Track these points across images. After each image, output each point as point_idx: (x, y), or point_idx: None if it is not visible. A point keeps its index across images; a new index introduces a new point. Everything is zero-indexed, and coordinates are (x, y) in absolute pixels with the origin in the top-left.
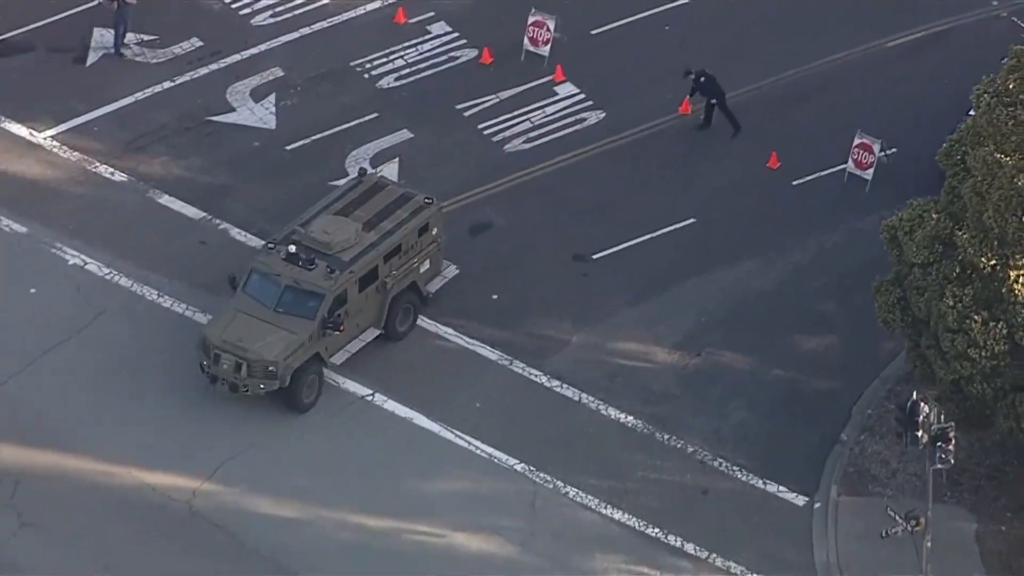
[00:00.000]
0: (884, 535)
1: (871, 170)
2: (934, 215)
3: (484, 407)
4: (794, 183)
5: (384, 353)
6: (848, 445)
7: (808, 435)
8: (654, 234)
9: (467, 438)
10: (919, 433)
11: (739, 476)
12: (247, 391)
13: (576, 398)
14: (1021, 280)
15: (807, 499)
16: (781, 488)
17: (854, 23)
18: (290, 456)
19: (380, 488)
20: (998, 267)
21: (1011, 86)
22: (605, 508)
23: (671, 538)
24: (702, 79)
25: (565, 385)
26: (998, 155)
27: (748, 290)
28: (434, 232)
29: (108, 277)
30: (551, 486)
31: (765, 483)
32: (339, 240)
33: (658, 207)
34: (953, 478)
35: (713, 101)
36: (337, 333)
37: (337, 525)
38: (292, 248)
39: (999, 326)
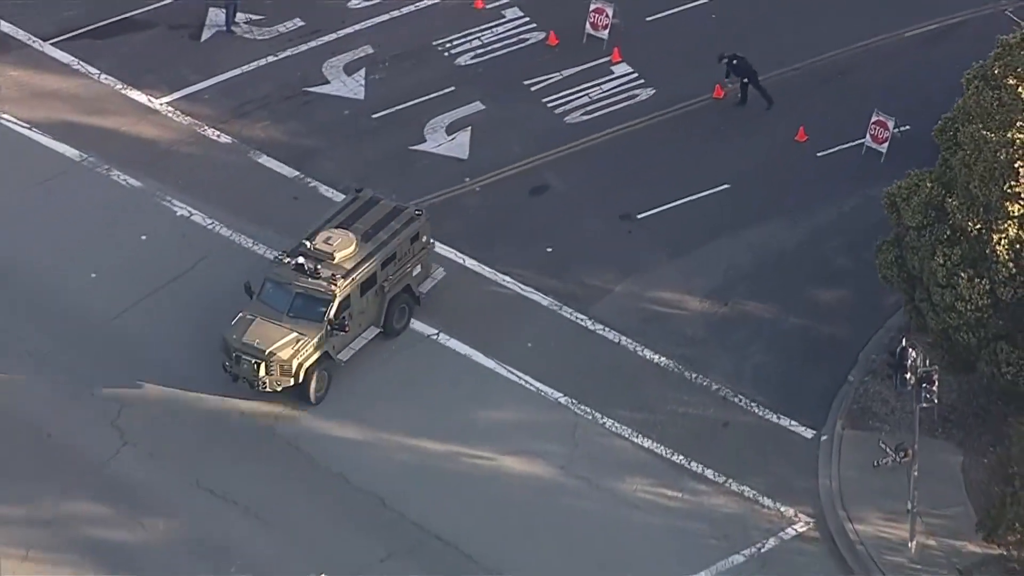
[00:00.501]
0: (875, 465)
1: (886, 144)
2: (928, 184)
3: (534, 347)
4: (818, 155)
5: (450, 299)
6: (853, 385)
7: (818, 376)
8: (692, 197)
9: (518, 374)
10: (907, 375)
11: (756, 411)
12: (265, 388)
13: (616, 340)
14: (1003, 242)
15: (815, 432)
16: (792, 422)
17: (875, 14)
18: (362, 387)
19: (439, 416)
20: (983, 231)
21: (996, 71)
22: (636, 437)
23: (693, 464)
24: (734, 61)
25: (607, 329)
26: (984, 132)
27: (772, 248)
28: (424, 239)
29: (210, 227)
30: (590, 417)
31: (779, 417)
32: (341, 250)
33: (697, 173)
34: (944, 415)
35: (746, 80)
36: (343, 333)
37: (399, 447)
38: (300, 259)
39: (983, 283)
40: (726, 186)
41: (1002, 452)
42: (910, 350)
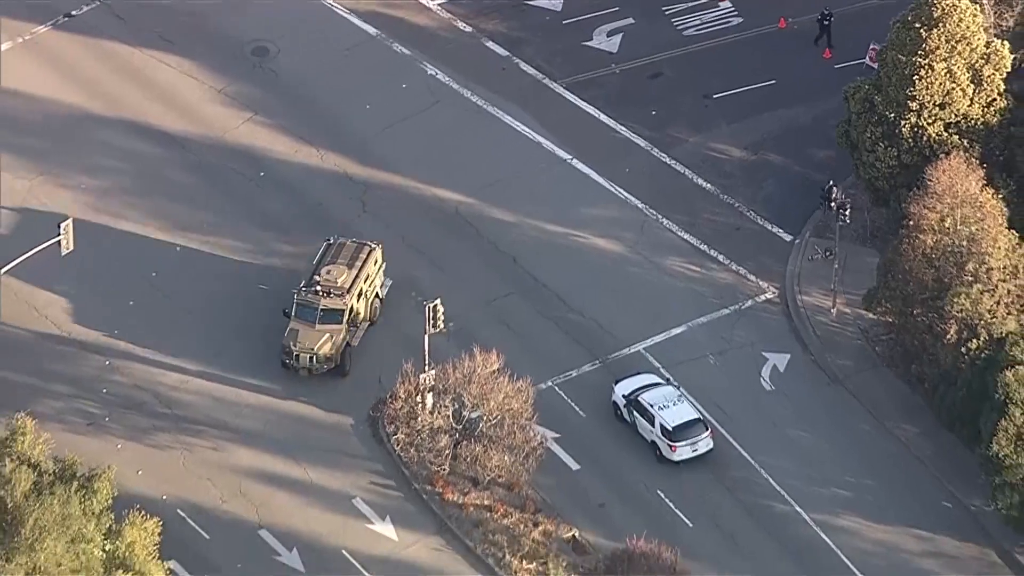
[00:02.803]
0: (810, 259)
1: (877, 63)
2: (865, 87)
3: (631, 171)
4: (835, 67)
5: (584, 138)
6: (822, 211)
7: (804, 204)
8: (750, 87)
9: (616, 187)
10: (831, 204)
11: (759, 221)
12: (317, 371)
13: (682, 171)
14: (906, 126)
15: (792, 237)
16: (780, 230)
17: None
18: (516, 191)
19: (563, 210)
20: (895, 118)
21: (910, 19)
22: (681, 232)
23: (712, 251)
24: (826, 21)
25: (678, 163)
26: (899, 56)
27: (794, 121)
28: (381, 262)
29: (447, 82)
30: (654, 218)
31: (772, 226)
32: (340, 277)
33: (756, 72)
34: (872, 232)
35: (826, 22)
36: (355, 328)
37: (533, 227)
38: (317, 288)
39: (893, 151)
40: (773, 81)
41: (888, 256)
42: (835, 188)
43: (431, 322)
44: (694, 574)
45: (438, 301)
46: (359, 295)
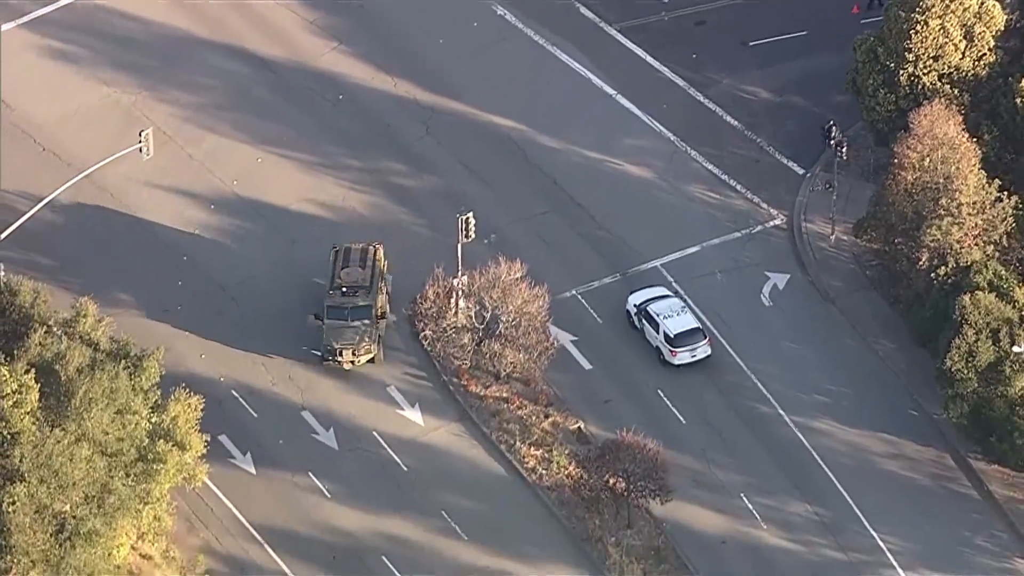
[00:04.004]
0: (811, 190)
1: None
2: (871, 39)
3: (668, 107)
4: (861, 22)
5: (629, 75)
6: (824, 147)
7: (820, 141)
8: (784, 36)
9: (652, 120)
10: (830, 140)
11: (776, 156)
12: (359, 363)
13: (713, 109)
14: (903, 75)
15: (805, 170)
16: (795, 164)
17: None
18: (563, 120)
19: (602, 139)
20: (893, 66)
21: None
22: (705, 164)
23: (731, 181)
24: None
25: (710, 101)
26: (899, 12)
27: (819, 68)
28: (383, 259)
29: (512, 22)
30: (684, 149)
31: (787, 161)
32: (358, 276)
33: (791, 23)
34: (874, 168)
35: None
36: (382, 320)
37: (574, 152)
38: (344, 289)
39: (891, 96)
40: (804, 32)
41: (877, 190)
42: (834, 127)
43: (463, 232)
44: (681, 464)
45: (470, 214)
46: (377, 292)
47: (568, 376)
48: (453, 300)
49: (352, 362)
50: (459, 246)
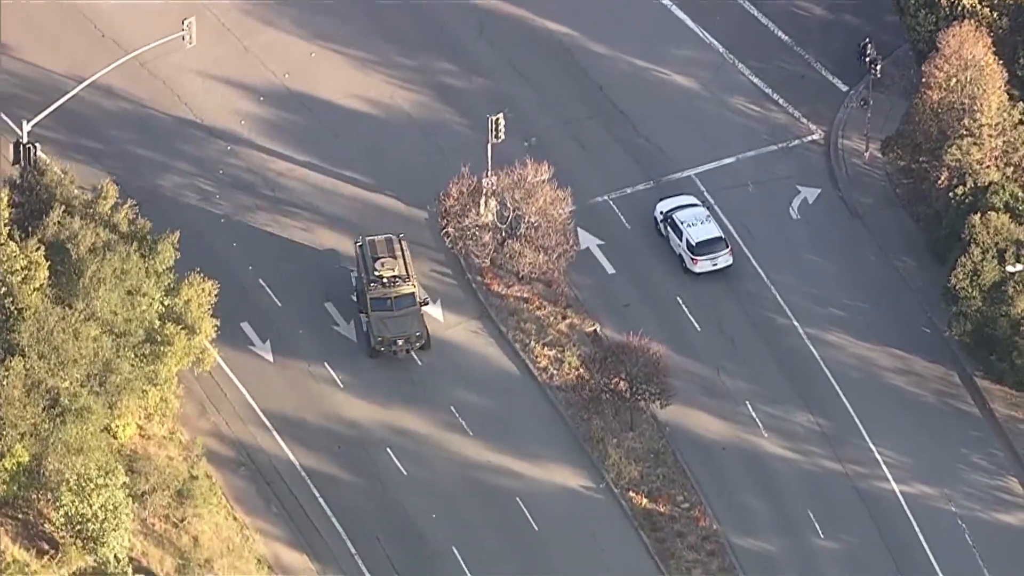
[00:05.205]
0: (845, 106)
1: None
2: None
3: (721, 19)
4: None
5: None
6: (859, 64)
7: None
8: None
9: (704, 32)
10: (865, 58)
11: (822, 72)
12: (415, 349)
13: (766, 23)
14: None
15: (848, 88)
16: (839, 81)
17: None
18: (616, 28)
19: (651, 48)
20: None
21: None
22: (752, 76)
23: (776, 96)
24: None
25: (765, 16)
26: None
27: (847, 26)
28: (408, 247)
29: None
30: (731, 62)
31: (832, 77)
32: (394, 266)
33: None
34: (910, 89)
35: None
36: (425, 306)
37: (626, 63)
38: (384, 280)
39: (931, 16)
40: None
41: (907, 109)
42: (869, 45)
43: (493, 133)
44: (690, 371)
45: (500, 115)
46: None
47: (591, 279)
48: (483, 199)
49: (407, 350)
50: (488, 146)
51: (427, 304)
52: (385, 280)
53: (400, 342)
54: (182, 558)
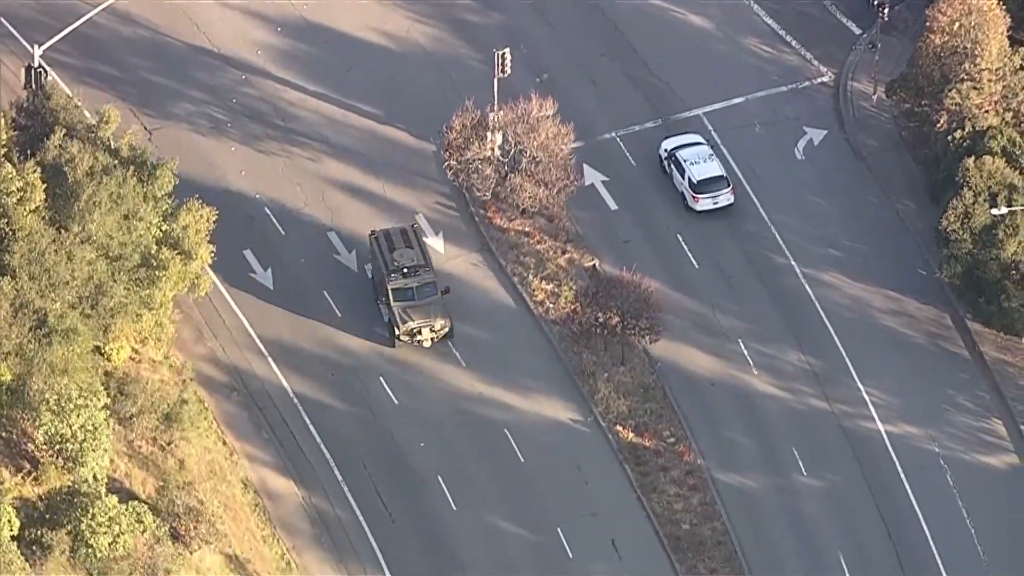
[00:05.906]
0: (852, 48)
1: None
2: None
3: None
4: None
5: None
6: (868, 7)
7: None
8: None
9: None
10: (874, 2)
11: (837, 16)
12: (439, 337)
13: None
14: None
15: (862, 31)
16: (853, 23)
17: None
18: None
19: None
20: None
21: None
22: (766, 17)
23: (789, 37)
24: None
25: (756, 5)
26: None
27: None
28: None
29: None
30: (747, 2)
31: (847, 20)
32: (413, 256)
33: None
34: (919, 33)
35: None
36: (446, 295)
37: (644, 2)
38: (405, 270)
39: None
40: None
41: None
42: None
43: (499, 67)
44: (686, 308)
45: (507, 49)
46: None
47: (593, 215)
48: (490, 134)
49: (432, 339)
50: (495, 80)
51: (448, 292)
52: (405, 270)
53: (425, 331)
54: (163, 480)
